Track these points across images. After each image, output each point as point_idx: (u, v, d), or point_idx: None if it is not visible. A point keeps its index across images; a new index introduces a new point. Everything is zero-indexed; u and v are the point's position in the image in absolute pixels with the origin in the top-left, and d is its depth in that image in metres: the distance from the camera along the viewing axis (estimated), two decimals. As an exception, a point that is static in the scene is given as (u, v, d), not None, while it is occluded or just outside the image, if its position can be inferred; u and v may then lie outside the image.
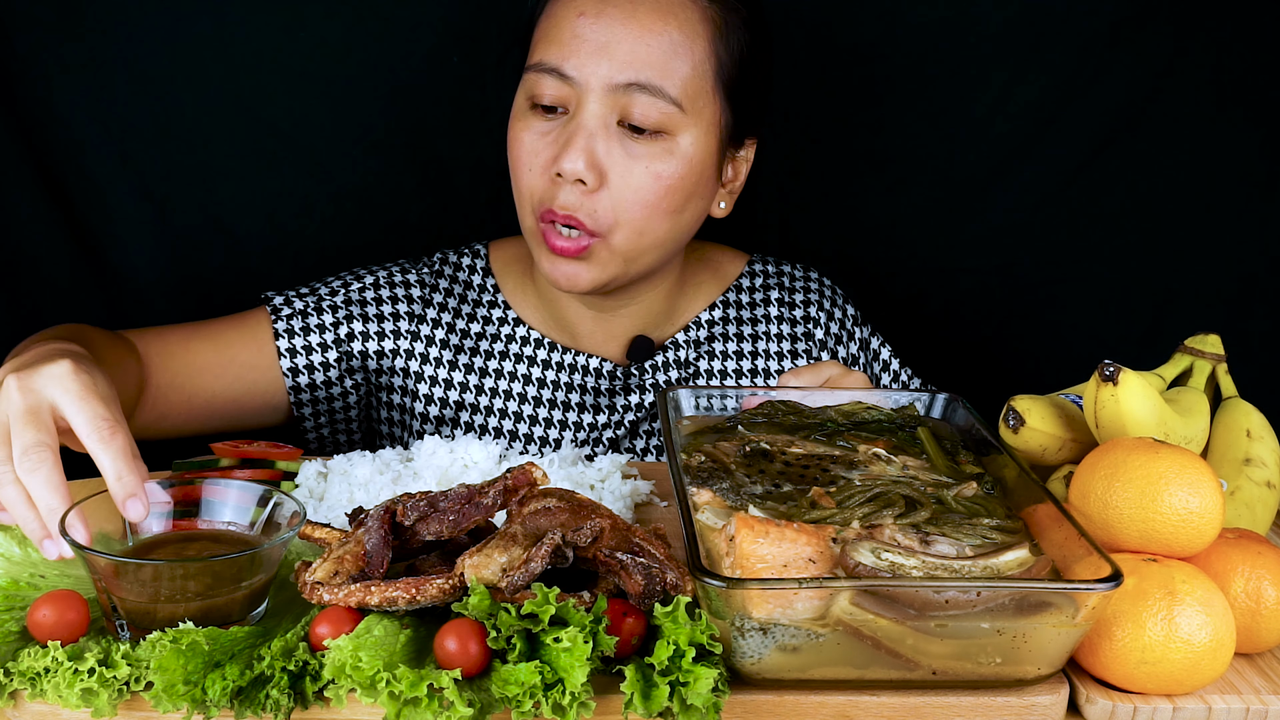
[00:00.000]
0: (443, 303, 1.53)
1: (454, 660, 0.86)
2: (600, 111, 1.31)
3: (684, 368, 1.54)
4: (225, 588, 0.92)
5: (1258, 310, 1.84)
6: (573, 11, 1.32)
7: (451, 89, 1.74)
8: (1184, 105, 1.75)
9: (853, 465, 1.09)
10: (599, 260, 1.37)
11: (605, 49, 1.30)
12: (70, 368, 1.01)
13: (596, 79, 1.30)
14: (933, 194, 1.83)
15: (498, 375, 1.52)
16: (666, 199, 1.35)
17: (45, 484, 0.96)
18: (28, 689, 0.87)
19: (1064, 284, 1.86)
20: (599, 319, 1.52)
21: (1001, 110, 1.77)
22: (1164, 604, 0.92)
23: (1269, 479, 1.18)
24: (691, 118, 1.33)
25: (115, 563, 0.90)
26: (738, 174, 1.45)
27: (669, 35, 1.30)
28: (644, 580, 0.92)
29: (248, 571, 0.92)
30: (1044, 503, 0.98)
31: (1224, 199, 1.80)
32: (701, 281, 1.58)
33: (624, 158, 1.33)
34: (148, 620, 0.91)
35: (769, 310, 1.59)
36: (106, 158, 1.72)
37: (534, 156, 1.36)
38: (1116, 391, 1.11)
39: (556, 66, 1.32)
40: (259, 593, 0.94)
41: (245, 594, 0.93)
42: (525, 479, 0.99)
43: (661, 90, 1.30)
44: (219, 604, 0.91)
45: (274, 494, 1.01)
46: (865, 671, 0.89)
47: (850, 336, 1.61)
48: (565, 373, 1.52)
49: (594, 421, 1.52)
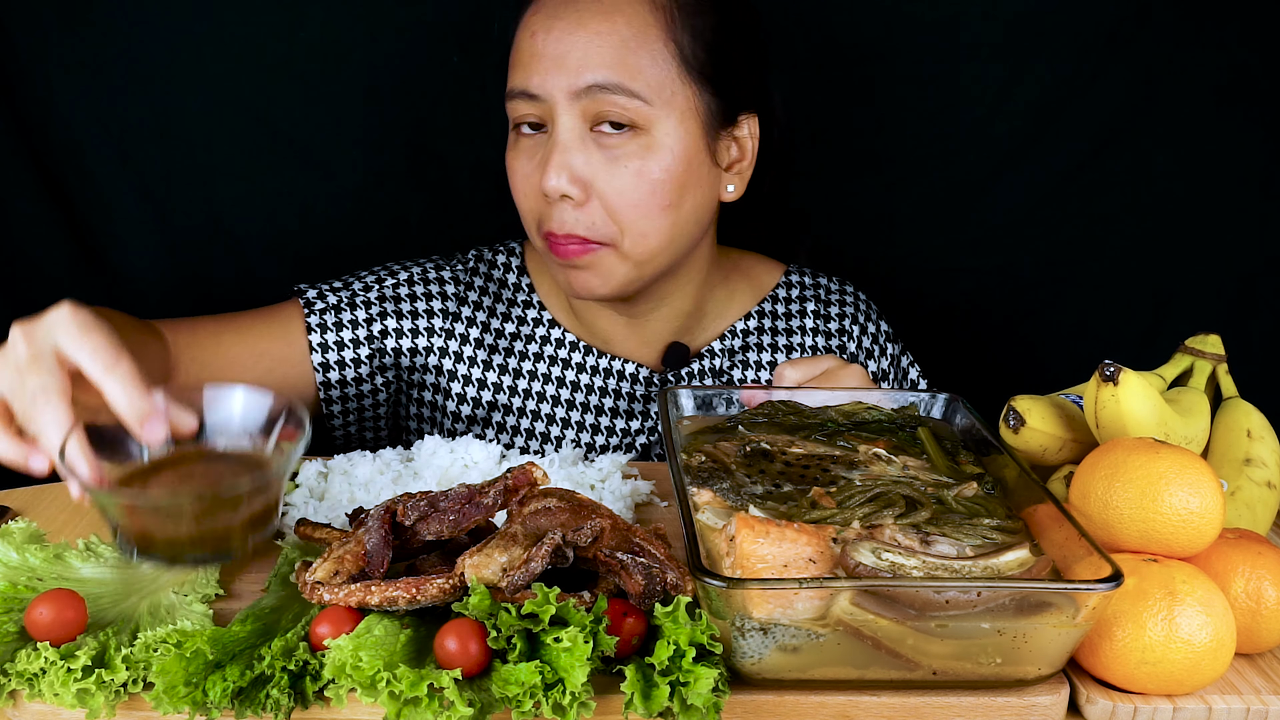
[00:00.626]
0: (478, 301, 1.53)
1: (454, 660, 0.86)
2: (570, 122, 1.32)
3: (718, 375, 1.54)
4: (226, 512, 0.91)
5: (1258, 310, 1.84)
6: (527, 33, 1.35)
7: (451, 89, 1.74)
8: (1184, 105, 1.75)
9: (853, 465, 1.09)
10: (610, 267, 1.38)
11: (560, 60, 1.31)
12: (68, 310, 1.01)
13: (559, 90, 1.31)
14: (932, 194, 1.83)
15: (531, 377, 1.52)
16: (657, 195, 1.34)
17: (50, 423, 0.96)
18: (25, 689, 0.87)
19: (1064, 284, 1.86)
20: (631, 325, 1.51)
21: (1001, 110, 1.77)
22: (1164, 604, 0.92)
23: (1269, 479, 1.18)
24: (661, 109, 1.32)
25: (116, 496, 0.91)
26: (743, 153, 1.43)
27: (617, 33, 1.31)
28: (644, 580, 0.92)
29: (250, 495, 0.92)
30: (1044, 503, 0.98)
31: (1224, 199, 1.80)
32: (737, 290, 1.58)
33: (605, 163, 1.33)
34: (148, 544, 0.91)
35: (804, 321, 1.59)
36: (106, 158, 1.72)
37: (526, 180, 1.38)
38: (1117, 391, 1.11)
39: (524, 88, 1.34)
40: (261, 516, 0.94)
41: (245, 518, 0.92)
42: (525, 479, 0.99)
43: (621, 86, 1.30)
44: (219, 529, 0.91)
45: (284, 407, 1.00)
46: (865, 672, 0.89)
47: (882, 352, 1.62)
48: (599, 377, 1.52)
49: (627, 427, 1.52)
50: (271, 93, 1.72)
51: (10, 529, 1.04)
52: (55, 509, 1.21)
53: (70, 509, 1.21)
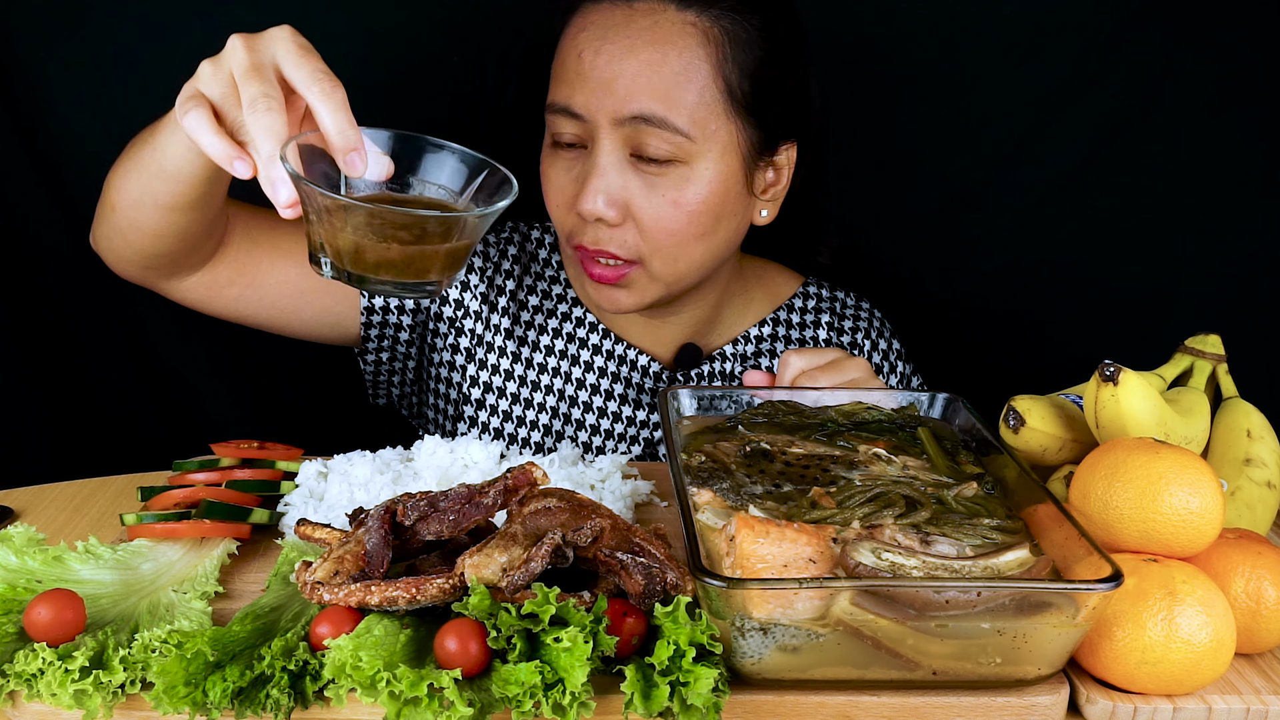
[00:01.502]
0: (509, 270, 1.54)
1: (454, 660, 0.86)
2: (612, 147, 1.32)
3: (729, 379, 1.55)
4: (433, 240, 0.93)
5: (1258, 310, 1.84)
6: (574, 50, 1.33)
7: (451, 89, 1.74)
8: (1184, 105, 1.75)
9: (853, 465, 1.09)
10: (639, 286, 1.39)
11: (607, 85, 1.30)
12: (290, 30, 1.04)
13: (603, 115, 1.31)
14: (933, 194, 1.83)
15: (548, 351, 1.52)
16: (693, 225, 1.34)
17: (267, 130, 0.98)
18: (24, 690, 0.87)
19: (1064, 284, 1.86)
20: (648, 325, 1.53)
21: (1001, 110, 1.77)
22: (1164, 604, 0.92)
23: (1269, 479, 1.18)
24: (703, 144, 1.32)
25: (333, 199, 0.91)
26: (779, 178, 1.43)
27: (668, 65, 1.29)
28: (644, 580, 0.92)
29: (455, 232, 0.94)
30: (1044, 503, 0.98)
31: (1224, 199, 1.80)
32: (754, 297, 1.58)
33: (643, 189, 1.33)
34: (354, 260, 0.92)
35: (818, 333, 1.59)
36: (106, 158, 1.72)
37: (560, 193, 1.38)
38: (1117, 391, 1.11)
39: (566, 105, 1.33)
40: (460, 256, 0.95)
41: (448, 251, 0.94)
42: (525, 479, 0.99)
43: (666, 122, 1.29)
44: (424, 255, 0.92)
45: (488, 165, 1.02)
46: (865, 672, 0.89)
47: (892, 369, 1.63)
48: (614, 363, 1.53)
49: (633, 416, 1.53)
50: (271, 93, 1.72)
51: (9, 534, 1.04)
52: (55, 509, 1.21)
53: (70, 509, 1.21)
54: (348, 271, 0.93)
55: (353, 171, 0.98)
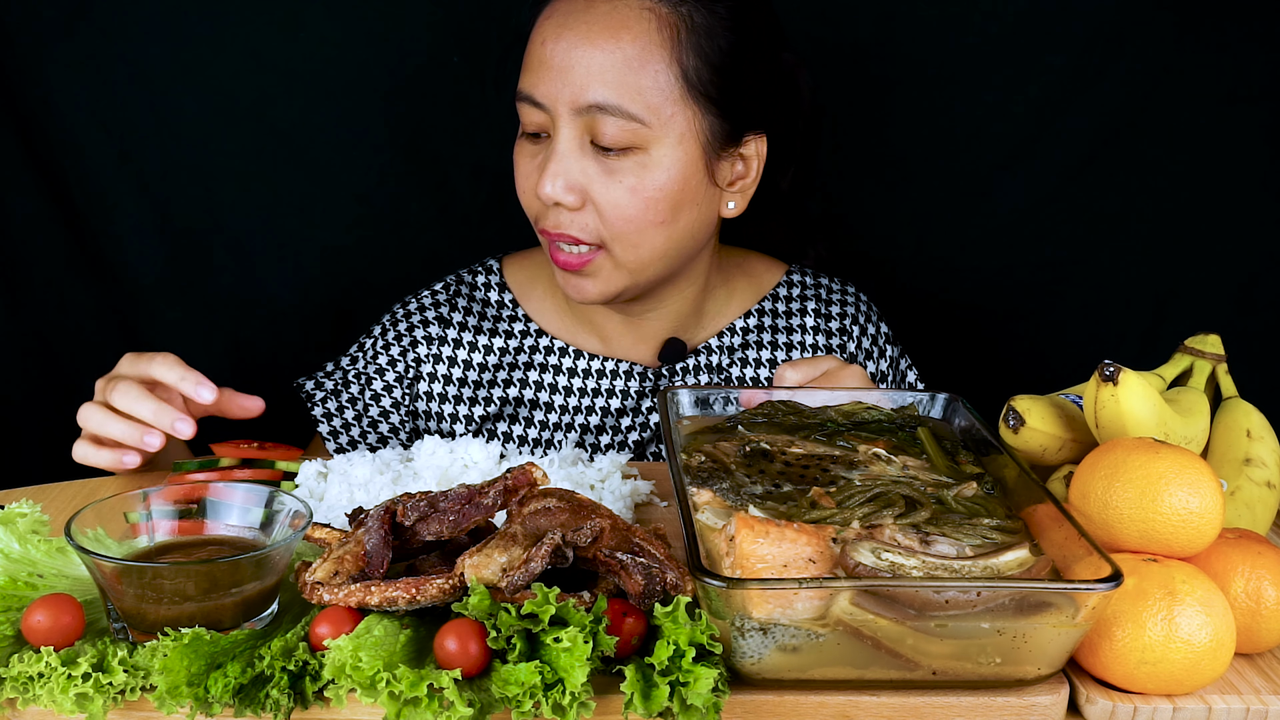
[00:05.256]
0: (462, 322, 1.55)
1: (454, 660, 0.86)
2: (571, 133, 1.33)
3: (716, 372, 1.55)
4: (220, 592, 0.91)
5: (1258, 310, 1.84)
6: (539, 39, 1.35)
7: (451, 89, 1.74)
8: (1185, 105, 1.75)
9: (853, 465, 1.09)
10: (603, 273, 1.39)
11: (564, 72, 1.31)
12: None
13: (561, 103, 1.32)
14: (933, 194, 1.83)
15: (522, 385, 1.53)
16: (651, 212, 1.35)
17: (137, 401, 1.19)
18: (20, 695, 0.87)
19: (1065, 284, 1.86)
20: (627, 323, 1.52)
21: (1002, 110, 1.77)
22: (1164, 604, 0.92)
23: (1269, 479, 1.18)
24: (660, 131, 1.33)
25: (115, 565, 0.90)
26: (748, 170, 1.43)
27: (622, 51, 1.30)
28: (644, 580, 0.92)
29: (247, 575, 0.92)
30: (1044, 503, 0.98)
31: (1224, 199, 1.80)
32: (736, 288, 1.58)
33: (601, 175, 1.34)
34: (142, 622, 0.91)
35: (804, 320, 1.59)
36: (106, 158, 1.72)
37: (526, 179, 1.40)
38: (1116, 391, 1.11)
39: (530, 95, 1.35)
40: (257, 599, 0.93)
41: (240, 599, 0.92)
42: (525, 479, 0.99)
43: (620, 109, 1.30)
44: (211, 608, 0.91)
45: (278, 496, 1.00)
46: (865, 671, 0.89)
47: (881, 353, 1.62)
48: (594, 379, 1.53)
49: (618, 424, 1.53)
50: (271, 93, 1.72)
51: (13, 514, 1.03)
52: (56, 509, 1.21)
53: (70, 509, 1.21)
54: (143, 634, 0.91)
55: (203, 399, 1.22)
